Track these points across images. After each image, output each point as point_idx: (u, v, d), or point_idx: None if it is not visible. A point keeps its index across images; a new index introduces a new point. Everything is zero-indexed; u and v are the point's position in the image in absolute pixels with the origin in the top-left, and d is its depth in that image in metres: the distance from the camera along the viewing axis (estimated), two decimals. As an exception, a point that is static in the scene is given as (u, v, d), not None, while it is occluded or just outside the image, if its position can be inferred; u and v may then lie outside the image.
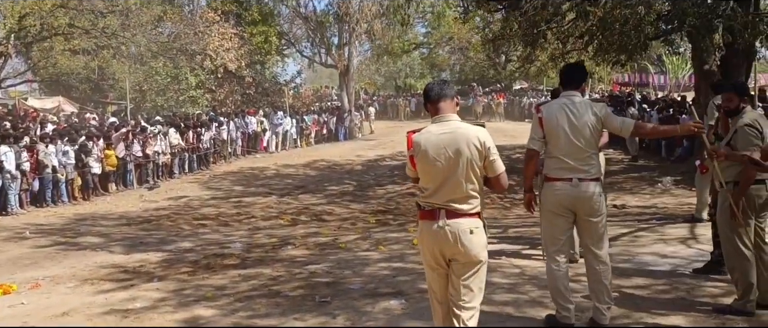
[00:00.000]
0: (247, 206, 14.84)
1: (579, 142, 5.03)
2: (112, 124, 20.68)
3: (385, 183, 18.02)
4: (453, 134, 4.10)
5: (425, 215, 4.16)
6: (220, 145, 24.22)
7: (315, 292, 6.70)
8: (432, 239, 4.12)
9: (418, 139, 4.15)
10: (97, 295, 7.08)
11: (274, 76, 37.99)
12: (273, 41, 34.26)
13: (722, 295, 5.95)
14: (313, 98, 39.14)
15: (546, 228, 5.23)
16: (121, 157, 18.12)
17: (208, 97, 30.93)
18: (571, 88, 5.24)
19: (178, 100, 29.48)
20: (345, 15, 33.17)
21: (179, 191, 17.83)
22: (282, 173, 21.14)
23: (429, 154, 4.08)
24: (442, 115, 4.19)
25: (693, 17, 12.85)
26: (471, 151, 4.06)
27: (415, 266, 7.61)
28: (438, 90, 4.24)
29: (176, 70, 29.61)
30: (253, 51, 32.88)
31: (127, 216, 13.95)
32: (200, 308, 6.38)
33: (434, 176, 4.10)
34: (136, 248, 9.95)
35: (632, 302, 5.86)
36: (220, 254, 9.11)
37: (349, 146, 28.99)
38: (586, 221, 5.12)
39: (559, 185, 5.07)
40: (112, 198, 16.97)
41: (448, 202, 4.08)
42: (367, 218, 12.47)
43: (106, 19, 28.34)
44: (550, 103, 5.22)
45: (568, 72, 5.42)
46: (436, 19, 41.44)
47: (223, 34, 30.45)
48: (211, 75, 30.78)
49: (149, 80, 29.43)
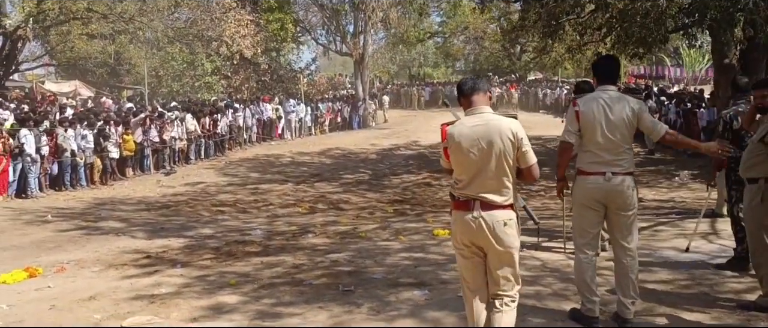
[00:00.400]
0: (264, 193, 14.92)
1: (615, 136, 5.02)
2: (129, 110, 20.76)
3: (401, 172, 18.06)
4: (486, 126, 4.16)
5: (459, 206, 4.23)
6: (235, 132, 24.30)
7: (338, 281, 6.75)
8: (466, 229, 4.20)
9: (452, 131, 4.22)
10: (122, 280, 7.15)
11: (289, 63, 38.02)
12: (289, 28, 34.27)
13: (746, 291, 5.95)
14: (327, 86, 39.18)
15: (577, 220, 5.23)
16: (138, 143, 18.22)
17: (224, 84, 31.02)
18: (607, 82, 5.21)
19: (193, 86, 29.62)
20: (361, 3, 33.13)
21: (196, 177, 17.94)
22: (297, 161, 21.22)
23: (463, 146, 4.15)
24: (476, 108, 4.26)
25: (715, 10, 12.82)
26: (504, 142, 4.13)
27: (437, 257, 7.67)
28: (471, 84, 4.33)
29: (192, 56, 29.73)
30: (268, 38, 32.88)
31: (146, 201, 14.05)
32: (224, 295, 6.43)
33: (468, 168, 4.17)
34: (157, 234, 10.02)
35: (655, 296, 5.87)
36: (241, 240, 9.17)
37: (364, 135, 29.05)
38: (618, 214, 5.12)
39: (592, 178, 5.07)
40: (130, 183, 17.09)
41: (482, 193, 4.15)
42: (384, 208, 12.51)
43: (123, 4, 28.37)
44: (587, 97, 5.18)
45: (603, 65, 5.36)
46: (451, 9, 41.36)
47: (239, 20, 30.43)
48: (226, 61, 30.85)
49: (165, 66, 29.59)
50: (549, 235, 8.50)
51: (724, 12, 12.72)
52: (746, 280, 6.22)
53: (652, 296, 5.85)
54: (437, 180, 15.90)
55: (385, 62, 45.67)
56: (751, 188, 5.63)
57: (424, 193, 14.27)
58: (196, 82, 29.57)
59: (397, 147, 24.13)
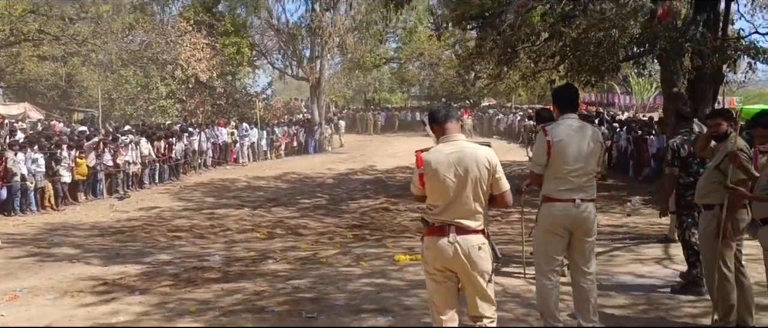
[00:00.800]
0: (221, 218, 14.75)
1: (584, 164, 5.13)
2: (82, 133, 20.39)
3: (358, 197, 18.04)
4: (462, 153, 4.25)
5: (434, 231, 4.30)
6: (190, 156, 24.03)
7: (300, 308, 6.70)
8: (440, 254, 4.26)
9: (429, 158, 4.28)
10: (78, 308, 6.98)
11: (244, 87, 37.88)
12: (245, 52, 34.19)
13: (701, 315, 6.09)
14: (283, 110, 39.04)
15: (542, 247, 5.27)
16: (91, 167, 17.88)
17: (179, 107, 30.72)
18: (570, 110, 5.33)
19: (147, 109, 29.25)
20: (318, 28, 33.21)
21: (150, 202, 17.65)
22: (253, 185, 21.06)
23: (439, 173, 4.22)
24: (450, 135, 4.36)
25: (664, 41, 13.17)
26: (480, 170, 4.23)
27: (399, 283, 7.67)
28: (445, 112, 4.44)
29: (147, 79, 29.41)
30: (224, 62, 32.77)
31: (99, 226, 13.77)
32: (184, 323, 6.34)
33: (444, 194, 4.24)
34: (113, 260, 9.81)
35: (614, 321, 5.97)
36: (200, 267, 9.05)
37: (320, 159, 29.00)
38: (582, 240, 5.21)
39: (561, 205, 5.13)
40: (82, 208, 16.72)
41: (457, 219, 4.23)
42: (343, 233, 12.47)
43: (76, 26, 28.07)
44: (555, 126, 5.25)
45: (565, 94, 5.49)
46: (407, 35, 41.75)
47: (194, 44, 30.29)
48: (182, 85, 30.59)
49: (119, 88, 29.17)
50: (507, 260, 8.57)
51: (673, 43, 13.09)
52: (701, 304, 6.37)
53: (612, 321, 5.95)
54: (395, 205, 15.93)
55: (341, 87, 45.73)
56: (707, 214, 5.79)
57: (382, 218, 14.27)
58: (150, 106, 29.22)
59: (354, 172, 24.14)
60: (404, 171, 23.85)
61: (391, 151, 30.90)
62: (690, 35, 13.14)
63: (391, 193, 18.39)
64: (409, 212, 14.92)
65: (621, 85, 38.20)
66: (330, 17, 33.17)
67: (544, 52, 16.60)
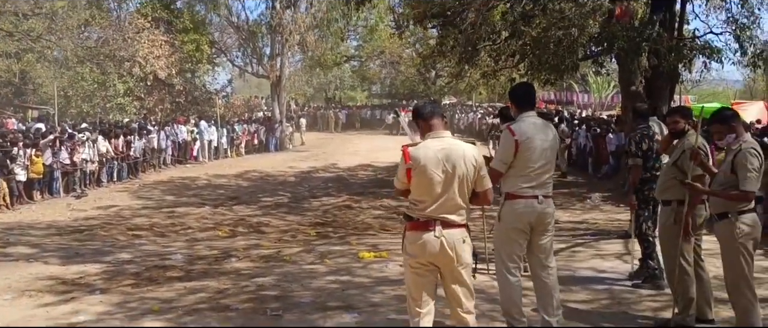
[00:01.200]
0: (181, 217, 14.56)
1: (547, 161, 5.22)
2: (38, 131, 19.96)
3: (320, 195, 17.99)
4: (450, 150, 4.30)
5: (418, 226, 4.32)
6: (149, 154, 23.70)
7: (265, 305, 6.67)
8: (425, 248, 4.28)
9: (417, 153, 4.29)
10: (37, 308, 6.84)
11: (204, 84, 37.49)
12: (204, 50, 33.78)
13: (662, 308, 6.22)
14: (243, 108, 38.75)
15: (505, 244, 5.31)
16: (47, 165, 17.51)
17: (137, 105, 30.27)
18: (529, 108, 5.39)
19: (105, 107, 28.77)
20: (278, 26, 33.01)
21: (108, 201, 17.35)
22: (214, 184, 20.85)
23: (428, 169, 4.24)
24: (437, 132, 4.40)
25: (622, 40, 13.43)
26: (467, 167, 4.30)
27: (364, 280, 7.68)
28: (431, 108, 4.50)
29: (103, 77, 28.92)
30: (183, 59, 32.36)
31: (57, 225, 13.49)
32: (148, 322, 6.26)
33: (431, 190, 4.26)
34: (72, 259, 9.62)
35: (578, 316, 6.06)
36: (162, 265, 8.93)
37: (281, 157, 28.85)
38: (542, 236, 5.29)
39: (525, 202, 5.19)
40: (38, 207, 16.36)
41: (443, 214, 4.27)
42: (306, 231, 12.42)
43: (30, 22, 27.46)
44: (521, 125, 5.26)
45: (524, 92, 5.55)
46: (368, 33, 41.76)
47: (153, 40, 29.86)
48: (140, 82, 30.12)
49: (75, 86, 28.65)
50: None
51: (631, 42, 13.34)
52: (662, 298, 6.50)
53: (575, 316, 6.04)
54: (358, 203, 15.92)
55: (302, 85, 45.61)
56: (665, 209, 5.91)
57: (345, 215, 14.25)
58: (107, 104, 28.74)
59: (316, 170, 24.06)
60: (366, 169, 23.90)
61: (352, 150, 30.92)
62: (647, 35, 13.41)
63: (353, 191, 18.37)
64: (372, 209, 14.94)
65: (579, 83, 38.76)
66: (290, 15, 32.97)
67: (504, 51, 16.77)
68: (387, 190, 18.13)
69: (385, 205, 15.43)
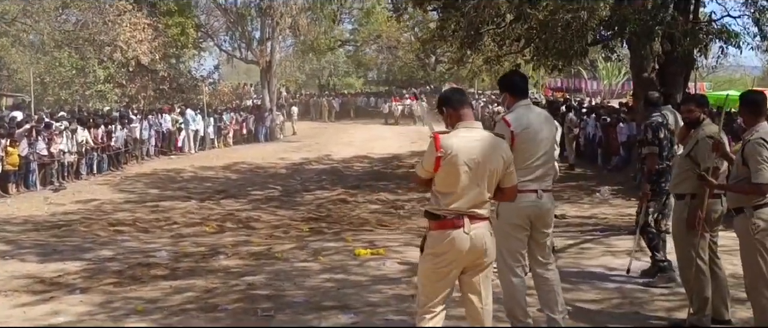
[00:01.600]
0: (166, 211, 14.57)
1: (547, 153, 5.22)
2: (13, 120, 19.91)
3: (313, 188, 17.99)
4: (483, 142, 4.29)
5: (446, 224, 4.24)
6: (132, 145, 23.68)
7: (256, 305, 6.69)
8: (453, 245, 4.22)
9: (450, 142, 4.23)
10: (13, 308, 6.86)
11: (189, 70, 37.37)
12: (190, 33, 33.63)
13: (676, 308, 6.24)
14: (231, 95, 38.67)
15: (506, 242, 5.19)
16: (23, 156, 17.48)
17: (118, 92, 30.16)
18: (524, 97, 5.40)
19: (84, 94, 28.67)
20: (268, 8, 32.93)
21: (88, 194, 17.35)
22: (200, 176, 20.87)
23: (459, 159, 4.19)
24: (469, 122, 4.38)
25: (634, 24, 13.39)
26: (498, 161, 4.30)
27: (361, 279, 7.70)
28: (460, 96, 4.49)
29: (83, 62, 28.76)
30: (167, 43, 32.16)
31: (34, 220, 13.48)
32: (131, 322, 6.29)
33: (460, 181, 4.21)
34: (50, 257, 9.62)
35: (587, 316, 6.08)
36: (146, 263, 8.93)
37: (272, 148, 28.84)
38: (542, 233, 5.31)
39: (525, 196, 5.10)
40: (13, 200, 16.34)
41: (472, 208, 4.25)
42: (298, 226, 12.43)
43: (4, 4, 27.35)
44: (518, 115, 5.23)
45: (518, 80, 5.54)
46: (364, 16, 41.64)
47: (135, 24, 29.66)
48: (121, 68, 29.99)
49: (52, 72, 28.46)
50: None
51: (643, 25, 13.31)
52: (676, 297, 6.52)
53: (584, 316, 6.06)
54: (353, 197, 15.93)
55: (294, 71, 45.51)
56: (679, 204, 5.92)
57: (340, 210, 14.25)
58: (87, 91, 28.63)
59: (309, 161, 24.08)
60: (362, 161, 23.92)
61: (347, 140, 30.90)
62: (660, 18, 13.39)
63: (348, 184, 18.39)
64: (368, 204, 14.95)
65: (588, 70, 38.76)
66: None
67: (509, 35, 16.72)
68: (384, 183, 18.18)
69: (382, 199, 15.44)
